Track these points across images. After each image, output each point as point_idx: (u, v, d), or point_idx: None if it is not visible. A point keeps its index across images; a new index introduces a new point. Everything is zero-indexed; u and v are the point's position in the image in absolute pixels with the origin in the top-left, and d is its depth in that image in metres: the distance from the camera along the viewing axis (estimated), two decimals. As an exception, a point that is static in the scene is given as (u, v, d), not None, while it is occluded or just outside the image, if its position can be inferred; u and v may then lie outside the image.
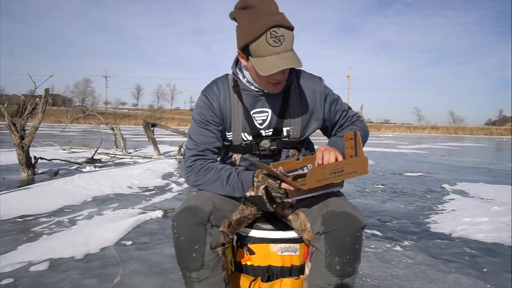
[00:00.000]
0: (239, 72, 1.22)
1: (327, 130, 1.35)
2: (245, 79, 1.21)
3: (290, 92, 1.22)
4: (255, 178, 1.11)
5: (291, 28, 1.05)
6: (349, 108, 1.35)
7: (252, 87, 1.20)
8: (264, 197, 1.04)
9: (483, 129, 56.83)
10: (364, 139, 1.29)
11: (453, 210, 3.51)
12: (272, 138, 1.21)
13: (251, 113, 1.21)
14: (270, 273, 1.22)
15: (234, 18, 1.11)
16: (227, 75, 1.28)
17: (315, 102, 1.24)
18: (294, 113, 1.22)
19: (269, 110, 1.21)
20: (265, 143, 1.20)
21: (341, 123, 1.32)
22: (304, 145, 1.30)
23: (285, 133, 1.22)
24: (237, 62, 1.24)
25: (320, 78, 1.29)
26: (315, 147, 1.35)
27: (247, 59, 1.11)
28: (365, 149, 1.13)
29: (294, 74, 1.24)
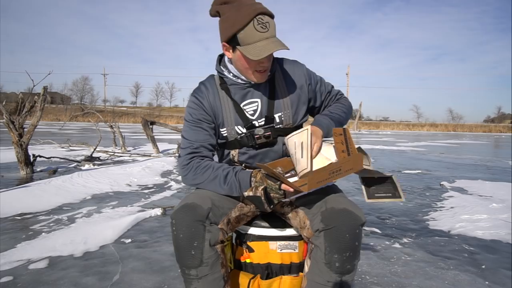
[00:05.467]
0: (223, 69, 1.24)
1: (313, 111, 1.38)
2: (231, 74, 1.22)
3: (275, 79, 1.25)
4: (252, 178, 1.10)
5: (272, 16, 1.11)
6: (332, 87, 1.39)
7: (239, 80, 1.22)
8: (263, 198, 1.04)
9: (482, 126, 56.85)
10: (347, 115, 1.34)
11: (452, 207, 3.51)
12: (266, 127, 1.22)
13: (241, 105, 1.23)
14: (269, 271, 1.23)
15: (217, 12, 1.15)
16: (212, 75, 1.31)
17: (300, 85, 1.27)
18: (283, 98, 1.24)
19: (258, 100, 1.23)
20: (259, 130, 1.21)
21: (326, 103, 1.36)
22: None
23: (277, 120, 1.23)
24: (220, 60, 1.27)
25: (300, 62, 1.33)
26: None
27: (233, 50, 1.14)
28: (364, 146, 1.14)
29: (277, 62, 1.28)
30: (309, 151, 1.07)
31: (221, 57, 1.28)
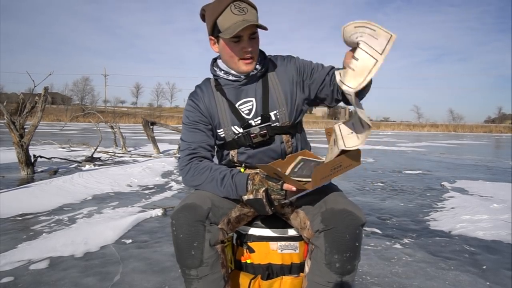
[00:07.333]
0: (216, 69, 1.26)
1: (320, 97, 1.27)
2: (222, 72, 1.24)
3: (268, 76, 1.26)
4: (249, 181, 1.10)
5: (253, 7, 1.14)
6: (332, 66, 1.27)
7: (230, 77, 1.23)
8: (264, 200, 1.04)
9: (482, 127, 56.80)
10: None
11: (452, 208, 3.51)
12: (263, 126, 1.22)
13: (237, 105, 1.23)
14: (270, 271, 1.23)
15: (203, 10, 1.19)
16: (208, 78, 1.32)
17: (294, 80, 1.26)
18: (277, 96, 1.23)
19: (253, 99, 1.23)
20: (255, 129, 1.21)
21: (332, 82, 1.22)
22: (298, 130, 1.29)
23: (273, 118, 1.23)
24: (213, 63, 1.29)
25: (292, 56, 1.32)
26: (311, 144, 1.35)
27: (218, 41, 1.18)
28: (365, 147, 1.14)
29: (269, 60, 1.28)
30: (388, 47, 0.88)
31: (214, 60, 1.30)
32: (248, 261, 1.25)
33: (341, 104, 1.29)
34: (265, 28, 1.11)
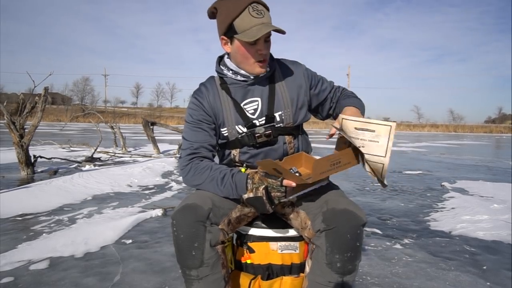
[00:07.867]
0: (223, 68, 1.26)
1: (318, 110, 1.37)
2: (231, 71, 1.24)
3: (274, 78, 1.27)
4: (249, 180, 1.09)
5: (267, 8, 1.15)
6: (333, 83, 1.38)
7: (239, 77, 1.23)
8: (264, 198, 1.04)
9: (482, 127, 56.84)
10: (362, 107, 1.28)
11: (453, 208, 3.51)
12: (267, 126, 1.22)
13: (242, 104, 1.23)
14: (270, 271, 1.23)
15: (214, 9, 1.18)
16: (213, 76, 1.32)
17: (300, 85, 1.28)
18: (282, 97, 1.24)
19: (259, 99, 1.24)
20: (260, 129, 1.22)
21: (333, 100, 1.35)
22: (300, 132, 1.31)
23: (278, 119, 1.23)
24: (219, 62, 1.29)
25: (300, 63, 1.34)
26: (312, 147, 1.35)
27: (231, 41, 1.17)
28: None
29: (276, 62, 1.29)
30: (390, 143, 1.03)
31: (220, 58, 1.30)
32: (248, 261, 1.25)
33: None
34: (283, 32, 1.12)
